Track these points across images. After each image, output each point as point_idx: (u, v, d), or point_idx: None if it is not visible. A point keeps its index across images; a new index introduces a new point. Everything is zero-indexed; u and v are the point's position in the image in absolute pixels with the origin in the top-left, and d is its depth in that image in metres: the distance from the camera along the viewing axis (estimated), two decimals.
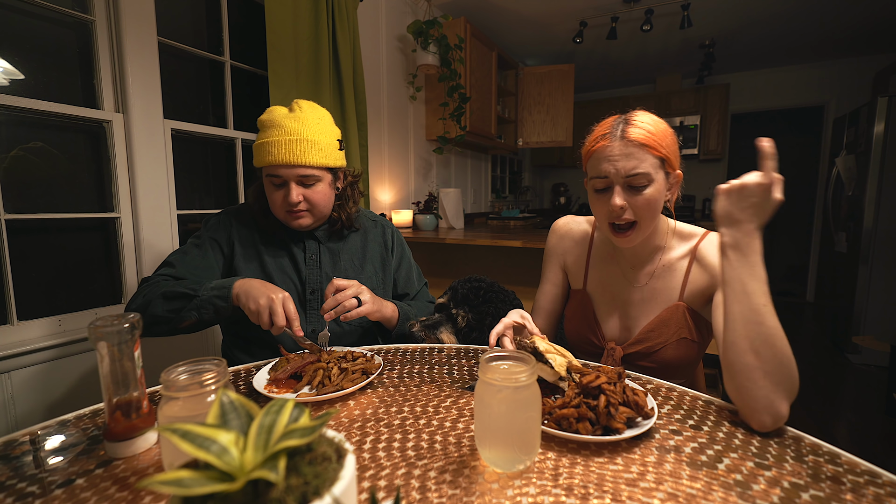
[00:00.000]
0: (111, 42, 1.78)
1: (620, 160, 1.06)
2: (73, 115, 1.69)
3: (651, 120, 1.10)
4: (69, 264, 1.77)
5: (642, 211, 1.08)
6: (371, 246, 1.55)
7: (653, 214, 1.10)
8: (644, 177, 1.05)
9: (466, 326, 1.33)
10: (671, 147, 1.10)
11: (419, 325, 1.34)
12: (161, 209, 1.93)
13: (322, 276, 1.44)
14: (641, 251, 1.21)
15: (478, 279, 1.42)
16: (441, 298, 1.42)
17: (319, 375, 0.99)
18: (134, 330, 0.76)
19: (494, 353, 0.73)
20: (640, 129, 1.07)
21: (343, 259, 1.49)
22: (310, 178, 1.32)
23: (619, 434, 0.75)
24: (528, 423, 0.68)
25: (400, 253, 1.62)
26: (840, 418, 3.02)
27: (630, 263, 1.25)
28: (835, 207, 4.45)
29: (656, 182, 1.07)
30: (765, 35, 4.63)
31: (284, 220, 1.37)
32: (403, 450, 0.76)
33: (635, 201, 1.07)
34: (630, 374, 1.06)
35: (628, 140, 1.06)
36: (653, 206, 1.08)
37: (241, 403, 0.42)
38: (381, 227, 1.61)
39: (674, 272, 1.19)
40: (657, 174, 1.07)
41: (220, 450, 0.36)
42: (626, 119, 1.11)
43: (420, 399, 0.96)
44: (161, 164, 1.92)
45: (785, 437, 0.78)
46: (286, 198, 1.31)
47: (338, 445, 0.42)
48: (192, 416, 0.65)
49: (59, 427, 0.85)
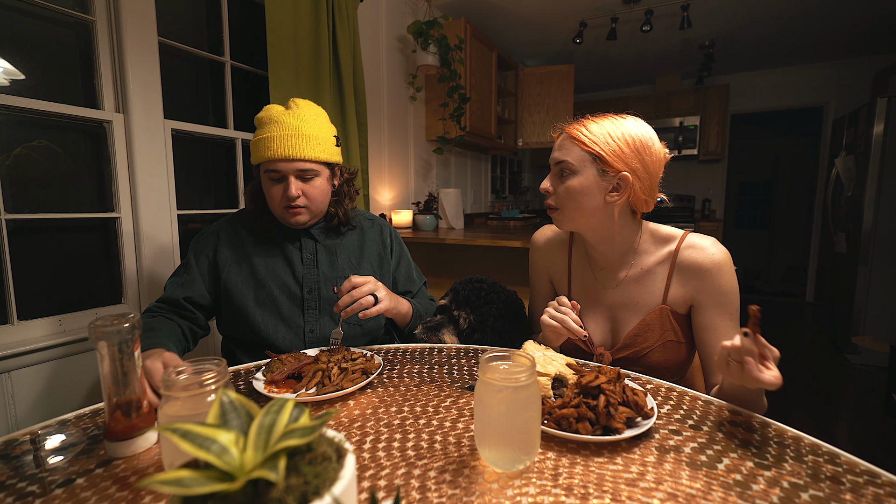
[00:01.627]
0: (112, 42, 1.77)
1: (556, 150, 1.18)
2: (74, 115, 1.69)
3: (605, 122, 1.15)
4: (69, 264, 1.77)
5: (561, 197, 1.17)
6: (368, 245, 1.55)
7: (574, 205, 1.15)
8: (567, 166, 1.14)
9: (468, 328, 1.33)
10: (616, 149, 1.11)
11: (421, 328, 1.34)
12: (161, 209, 1.93)
13: (319, 276, 1.44)
14: (609, 254, 1.23)
15: (479, 280, 1.42)
16: (442, 300, 1.41)
17: (319, 376, 0.99)
18: (134, 330, 0.76)
19: (494, 353, 0.73)
20: (581, 125, 1.16)
21: (340, 257, 1.48)
22: (308, 173, 1.33)
23: (619, 434, 0.75)
24: (527, 423, 0.68)
25: (399, 252, 1.62)
26: (839, 418, 3.02)
27: (601, 266, 1.27)
28: (834, 208, 4.46)
29: (581, 175, 1.13)
30: (764, 36, 4.64)
31: (282, 216, 1.37)
32: (403, 450, 0.76)
33: (559, 188, 1.18)
34: (629, 373, 1.06)
35: (566, 133, 1.17)
36: (573, 195, 1.15)
37: (242, 403, 0.42)
38: (378, 226, 1.61)
39: (653, 276, 1.20)
40: (584, 168, 1.13)
41: (221, 449, 0.36)
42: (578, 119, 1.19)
43: (420, 399, 0.96)
44: (161, 164, 1.92)
45: (784, 438, 0.78)
46: (285, 192, 1.32)
47: (338, 445, 0.43)
48: (193, 415, 0.65)
49: (59, 427, 0.85)
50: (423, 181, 3.98)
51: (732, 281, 1.12)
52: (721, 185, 6.28)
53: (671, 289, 1.17)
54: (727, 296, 1.11)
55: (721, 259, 1.12)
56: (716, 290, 1.11)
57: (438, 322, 1.35)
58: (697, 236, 1.17)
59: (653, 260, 1.20)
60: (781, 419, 0.86)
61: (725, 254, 1.13)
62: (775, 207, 7.42)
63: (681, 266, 1.16)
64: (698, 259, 1.13)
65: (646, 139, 1.13)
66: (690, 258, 1.14)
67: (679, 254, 1.16)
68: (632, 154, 1.11)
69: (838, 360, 4.00)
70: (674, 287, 1.17)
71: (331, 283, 1.44)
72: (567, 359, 0.96)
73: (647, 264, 1.21)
